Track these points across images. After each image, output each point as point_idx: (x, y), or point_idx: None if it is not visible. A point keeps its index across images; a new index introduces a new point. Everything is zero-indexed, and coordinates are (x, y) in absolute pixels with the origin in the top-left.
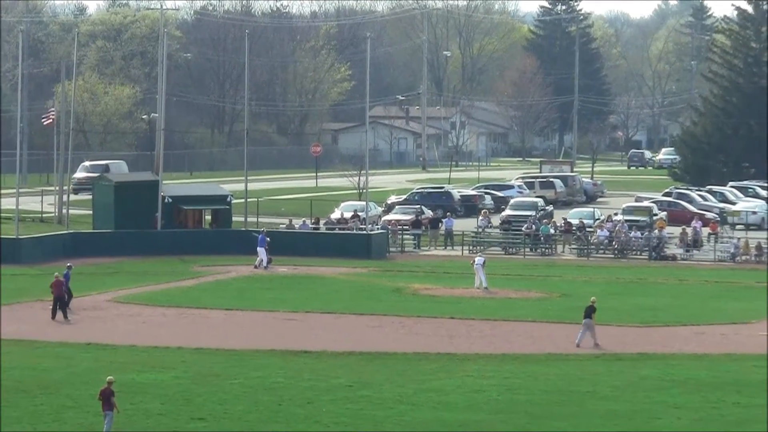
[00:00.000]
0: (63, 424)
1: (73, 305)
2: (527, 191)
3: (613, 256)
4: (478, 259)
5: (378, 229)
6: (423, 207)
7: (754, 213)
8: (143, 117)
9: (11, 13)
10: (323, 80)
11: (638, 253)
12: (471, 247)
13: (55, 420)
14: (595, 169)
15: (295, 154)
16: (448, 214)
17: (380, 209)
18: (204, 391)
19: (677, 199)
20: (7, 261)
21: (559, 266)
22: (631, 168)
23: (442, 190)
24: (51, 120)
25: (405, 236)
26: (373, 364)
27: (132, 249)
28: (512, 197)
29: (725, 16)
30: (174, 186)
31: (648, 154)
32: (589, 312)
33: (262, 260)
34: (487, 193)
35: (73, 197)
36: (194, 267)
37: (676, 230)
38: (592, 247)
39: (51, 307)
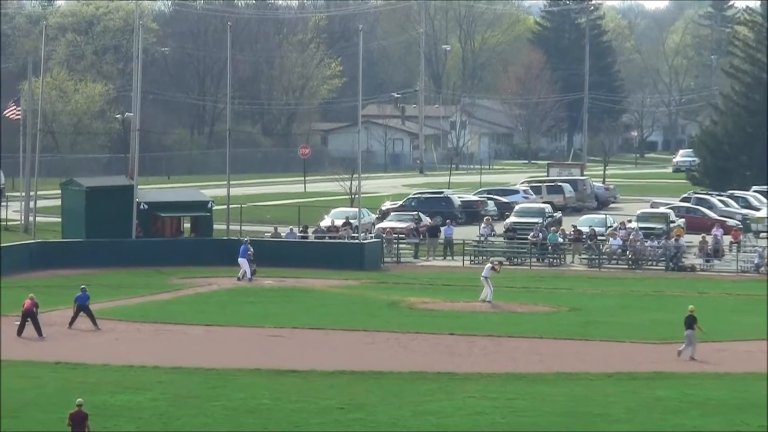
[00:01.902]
0: None
1: (41, 320)
2: (533, 196)
3: (626, 266)
4: (486, 269)
5: (372, 237)
6: (420, 214)
7: None
8: (117, 116)
9: None
10: (312, 76)
11: (654, 263)
12: (472, 258)
13: None
14: (607, 172)
15: (281, 156)
16: (447, 221)
17: (374, 216)
18: (183, 414)
19: (696, 204)
20: None
21: (568, 278)
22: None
23: (441, 195)
24: (15, 113)
25: (401, 245)
26: (366, 384)
27: (104, 260)
28: (517, 203)
29: (747, 6)
30: (150, 191)
31: None
32: (690, 322)
33: (245, 272)
34: (490, 199)
35: (41, 203)
36: (172, 279)
37: (695, 239)
38: (604, 257)
39: (18, 322)
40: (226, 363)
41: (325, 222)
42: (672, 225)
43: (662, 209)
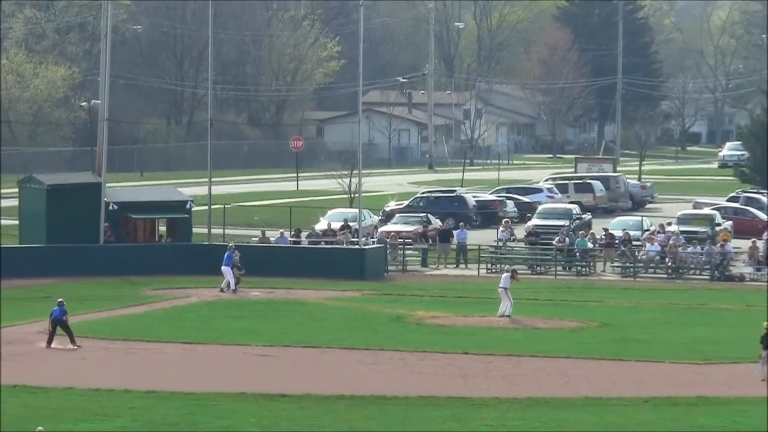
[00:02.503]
0: None
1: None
2: (559, 195)
3: (665, 276)
4: (504, 278)
5: (374, 243)
6: (430, 215)
7: None
8: (82, 104)
9: None
10: (305, 58)
11: (697, 272)
12: (489, 266)
13: None
14: (643, 167)
15: (270, 149)
16: (460, 224)
17: (376, 218)
18: None
19: (745, 204)
20: None
21: (599, 289)
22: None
23: (454, 194)
24: None
25: (407, 252)
26: (368, 411)
27: (68, 268)
28: (540, 203)
29: None
30: (120, 190)
31: None
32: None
33: (229, 282)
34: (509, 199)
35: None
36: (145, 290)
37: (744, 244)
38: (640, 265)
39: None
40: (207, 386)
41: (321, 225)
42: (717, 228)
43: (706, 210)
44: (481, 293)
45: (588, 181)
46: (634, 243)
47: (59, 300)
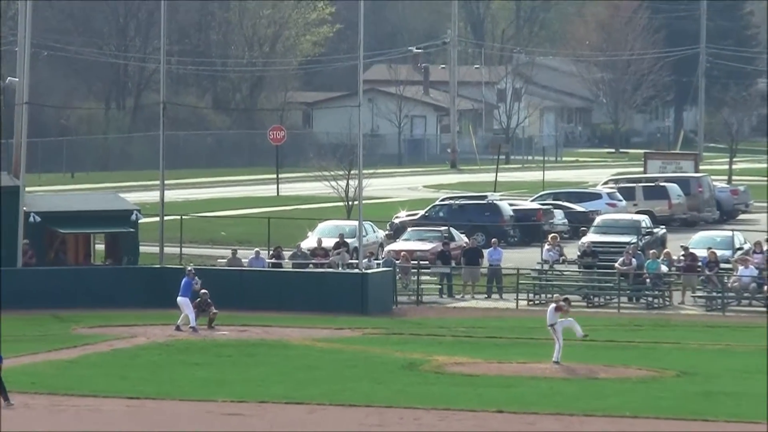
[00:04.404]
0: None
1: None
2: (623, 203)
3: (764, 308)
4: (550, 312)
5: (379, 265)
6: (452, 229)
7: None
8: None
9: None
10: (288, 22)
11: None
12: (531, 296)
13: None
14: (734, 166)
15: (242, 142)
16: (493, 240)
17: (382, 233)
18: None
19: None
20: None
21: (677, 326)
22: None
23: (485, 201)
24: None
25: (423, 278)
26: None
27: None
28: (599, 213)
29: None
30: (45, 196)
31: None
32: None
33: (188, 317)
34: (557, 207)
35: None
36: (77, 328)
37: None
38: (731, 294)
39: None
40: None
41: (309, 242)
42: None
43: None
44: (520, 332)
45: (661, 184)
46: (723, 266)
47: None
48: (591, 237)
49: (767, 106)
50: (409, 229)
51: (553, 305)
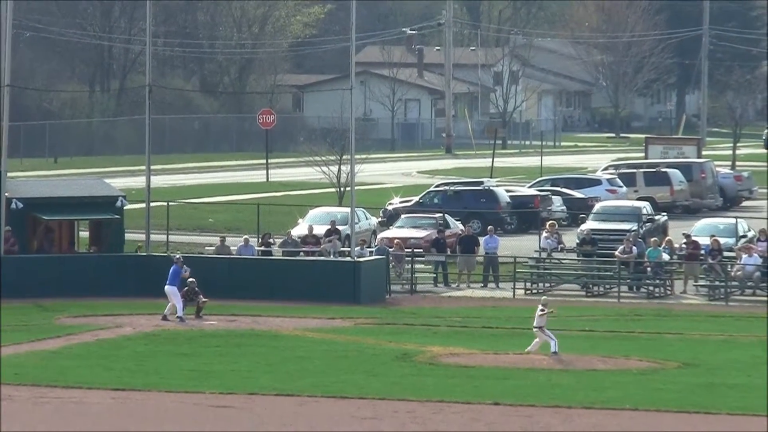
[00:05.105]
0: None
1: None
2: (624, 189)
3: None
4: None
5: (372, 253)
6: (447, 216)
7: None
8: None
9: None
10: (278, 3)
11: None
12: (528, 284)
13: None
14: (738, 152)
15: (231, 127)
16: (489, 228)
17: (375, 220)
18: None
19: None
20: None
21: (678, 316)
22: None
23: (481, 187)
24: None
25: (417, 266)
26: None
27: None
28: (598, 200)
29: None
30: (27, 182)
31: None
32: None
33: (175, 306)
34: (555, 194)
35: None
36: (60, 318)
37: None
38: (734, 284)
39: None
40: None
41: (299, 229)
42: None
43: None
44: (517, 322)
45: (663, 169)
46: (726, 254)
47: None
48: (590, 224)
49: None
50: (402, 216)
51: (539, 308)
